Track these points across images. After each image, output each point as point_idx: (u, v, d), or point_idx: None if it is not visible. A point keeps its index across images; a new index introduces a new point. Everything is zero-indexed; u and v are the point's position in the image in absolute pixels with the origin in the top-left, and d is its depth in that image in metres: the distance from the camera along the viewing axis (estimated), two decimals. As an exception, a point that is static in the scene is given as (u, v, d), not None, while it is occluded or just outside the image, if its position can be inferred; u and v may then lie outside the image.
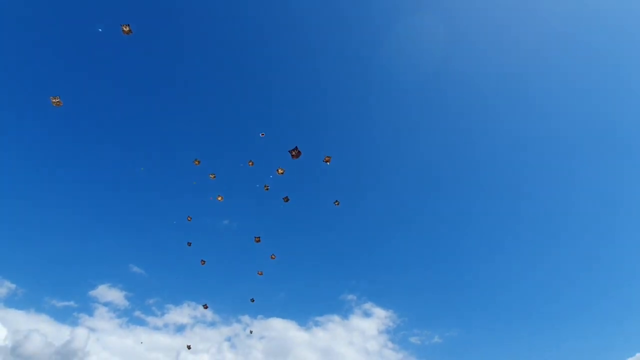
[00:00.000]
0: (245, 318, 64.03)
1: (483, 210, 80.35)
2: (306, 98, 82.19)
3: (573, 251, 74.31)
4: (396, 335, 65.74)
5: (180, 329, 61.75)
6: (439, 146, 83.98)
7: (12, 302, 55.84)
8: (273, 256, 36.00)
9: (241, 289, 66.19)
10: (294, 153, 27.93)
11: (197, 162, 33.34)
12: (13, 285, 55.94)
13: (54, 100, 25.99)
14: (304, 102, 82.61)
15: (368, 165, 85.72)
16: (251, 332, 60.46)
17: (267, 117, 77.59)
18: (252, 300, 38.35)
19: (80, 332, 54.68)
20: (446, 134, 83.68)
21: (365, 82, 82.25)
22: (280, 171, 30.05)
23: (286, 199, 32.44)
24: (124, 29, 26.08)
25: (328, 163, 29.89)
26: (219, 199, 34.23)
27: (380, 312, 67.72)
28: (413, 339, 65.42)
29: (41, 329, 53.18)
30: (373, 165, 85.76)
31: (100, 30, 41.77)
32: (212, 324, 63.78)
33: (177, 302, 63.87)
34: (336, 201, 33.70)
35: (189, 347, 36.11)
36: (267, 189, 33.11)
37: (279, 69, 79.87)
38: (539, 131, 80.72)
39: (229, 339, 61.96)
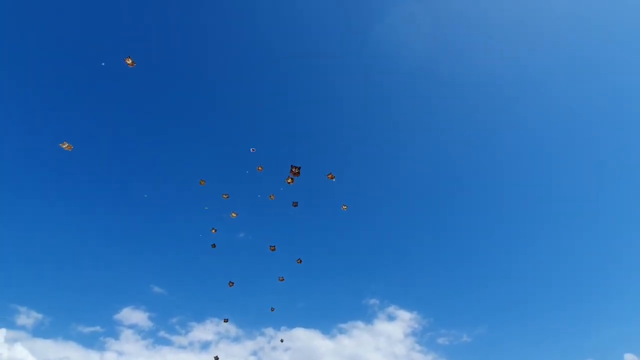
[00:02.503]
0: (269, 330, 64.35)
1: (508, 204, 79.27)
2: (311, 99, 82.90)
3: (603, 248, 72.51)
4: (423, 337, 64.88)
5: (205, 346, 62.52)
6: (458, 143, 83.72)
7: (39, 331, 57.42)
8: (299, 260, 36.28)
9: (262, 301, 66.50)
10: (294, 171, 28.12)
11: (202, 183, 34.12)
12: (40, 315, 57.58)
13: (64, 146, 27.69)
14: (306, 105, 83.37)
15: (383, 165, 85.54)
16: (282, 340, 60.48)
17: (266, 124, 79.02)
18: (272, 309, 38.38)
19: (109, 356, 56.17)
20: (465, 129, 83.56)
21: (370, 81, 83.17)
22: (289, 181, 29.91)
23: (295, 204, 32.68)
24: (127, 61, 27.75)
25: (332, 179, 30.13)
26: (233, 215, 34.75)
27: (404, 315, 66.88)
28: (441, 340, 64.45)
29: (70, 356, 54.90)
30: (388, 165, 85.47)
31: (103, 64, 44.64)
32: (236, 339, 64.41)
33: (200, 319, 64.83)
34: (344, 205, 33.52)
35: (216, 358, 36.78)
36: (273, 198, 33.22)
37: (272, 72, 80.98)
38: (558, 129, 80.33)
39: (254, 353, 62.29)
